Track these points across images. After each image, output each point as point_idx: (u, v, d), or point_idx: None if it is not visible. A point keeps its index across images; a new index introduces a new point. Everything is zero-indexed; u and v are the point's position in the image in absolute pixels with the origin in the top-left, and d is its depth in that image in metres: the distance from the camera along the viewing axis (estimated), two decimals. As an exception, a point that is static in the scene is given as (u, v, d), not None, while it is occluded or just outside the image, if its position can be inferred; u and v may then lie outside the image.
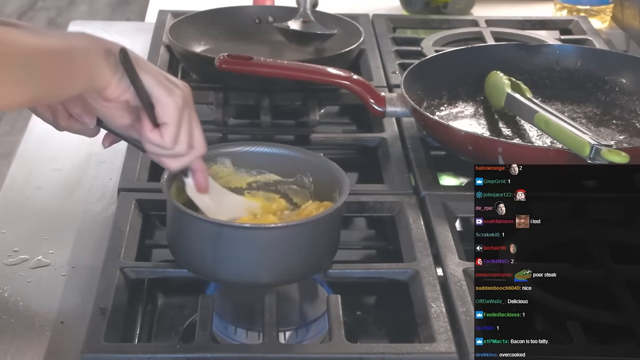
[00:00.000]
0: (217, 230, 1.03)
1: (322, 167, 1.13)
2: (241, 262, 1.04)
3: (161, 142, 1.01)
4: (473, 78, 1.52)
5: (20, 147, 1.46)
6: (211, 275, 1.07)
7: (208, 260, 1.05)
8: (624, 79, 1.52)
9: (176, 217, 1.07)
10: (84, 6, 4.77)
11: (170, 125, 1.00)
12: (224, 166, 1.15)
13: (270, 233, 1.04)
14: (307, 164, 1.15)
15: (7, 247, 1.20)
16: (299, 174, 1.15)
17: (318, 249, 1.07)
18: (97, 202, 1.32)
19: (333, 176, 1.12)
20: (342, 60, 1.58)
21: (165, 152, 1.02)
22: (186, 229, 1.05)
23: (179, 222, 1.06)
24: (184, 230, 1.06)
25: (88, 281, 1.14)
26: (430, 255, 1.13)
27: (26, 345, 1.04)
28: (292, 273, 1.06)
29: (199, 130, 1.03)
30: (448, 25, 1.88)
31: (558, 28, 1.90)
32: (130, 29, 1.94)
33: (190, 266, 1.07)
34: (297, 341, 1.05)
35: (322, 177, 1.13)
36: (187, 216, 1.04)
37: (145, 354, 0.97)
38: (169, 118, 1.00)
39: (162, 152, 1.02)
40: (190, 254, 1.06)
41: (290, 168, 1.16)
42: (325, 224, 1.07)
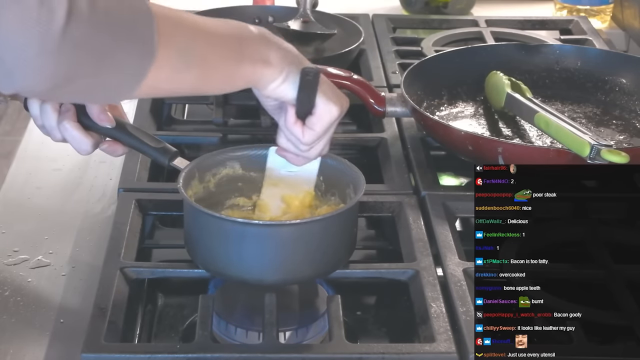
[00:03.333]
0: (239, 229, 1.03)
1: (334, 166, 1.13)
2: (263, 259, 1.04)
3: (300, 138, 1.04)
4: (473, 78, 1.52)
5: (20, 147, 1.46)
6: (235, 275, 1.06)
7: (232, 260, 1.04)
8: (624, 79, 1.52)
9: (197, 218, 1.06)
10: (84, 6, 4.76)
11: (316, 133, 1.04)
12: (234, 170, 1.15)
13: (291, 229, 1.04)
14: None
15: (7, 247, 1.20)
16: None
17: (337, 245, 1.07)
18: (97, 202, 1.32)
19: (346, 174, 1.12)
20: (342, 60, 1.58)
21: (298, 150, 1.06)
22: (206, 230, 1.05)
23: (201, 223, 1.06)
24: (206, 232, 1.05)
25: (88, 281, 1.14)
26: (430, 255, 1.13)
27: (26, 345, 1.04)
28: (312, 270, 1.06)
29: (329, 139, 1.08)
30: (448, 25, 1.88)
31: (558, 28, 1.90)
32: (130, 29, 1.94)
33: (210, 267, 1.07)
34: (297, 341, 1.05)
35: (333, 176, 1.13)
36: (208, 217, 1.04)
37: (145, 354, 0.97)
38: (319, 127, 1.04)
39: (294, 149, 1.07)
40: (210, 254, 1.06)
41: None
42: (345, 219, 1.07)
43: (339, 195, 1.13)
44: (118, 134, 1.10)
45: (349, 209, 1.06)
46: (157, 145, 1.11)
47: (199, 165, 1.12)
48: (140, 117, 1.44)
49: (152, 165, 1.31)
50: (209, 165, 1.13)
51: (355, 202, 1.07)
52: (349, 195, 1.11)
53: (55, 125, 1.06)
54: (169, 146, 1.12)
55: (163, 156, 1.11)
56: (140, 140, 1.11)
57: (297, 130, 1.04)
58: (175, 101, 1.57)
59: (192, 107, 1.64)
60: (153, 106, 1.48)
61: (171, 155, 1.11)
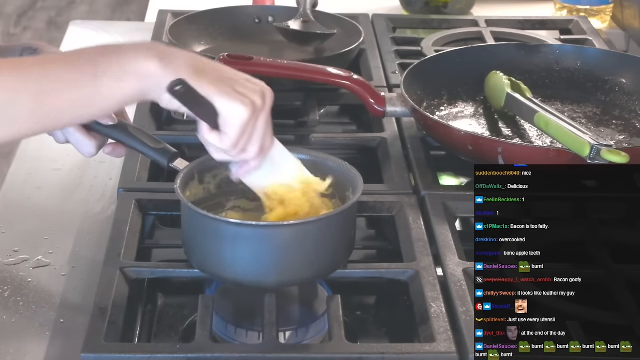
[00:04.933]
0: (233, 230, 1.03)
1: (334, 168, 1.13)
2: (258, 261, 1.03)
3: (220, 146, 1.01)
4: (473, 78, 1.52)
5: (20, 147, 1.46)
6: (230, 277, 1.06)
7: (226, 262, 1.04)
8: (624, 79, 1.52)
9: (192, 219, 1.06)
10: (84, 6, 4.77)
11: (233, 136, 1.00)
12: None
13: (287, 231, 1.04)
14: (319, 166, 1.14)
15: (7, 247, 1.20)
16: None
17: (335, 246, 1.07)
18: (97, 202, 1.32)
19: (345, 175, 1.11)
20: (342, 60, 1.58)
21: (232, 157, 1.03)
22: (201, 231, 1.05)
23: (196, 224, 1.06)
24: (201, 233, 1.05)
25: (88, 281, 1.14)
26: (430, 255, 1.13)
27: (26, 345, 1.04)
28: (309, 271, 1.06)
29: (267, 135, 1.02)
30: (448, 25, 1.88)
31: (558, 28, 1.90)
32: (130, 29, 1.94)
33: (205, 268, 1.07)
34: (297, 341, 1.05)
35: (334, 178, 1.13)
36: (203, 218, 1.04)
37: (145, 354, 0.97)
38: (233, 131, 0.99)
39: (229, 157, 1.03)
40: (206, 255, 1.06)
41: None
42: (342, 220, 1.06)
43: (339, 198, 1.13)
44: (119, 135, 1.10)
45: (346, 210, 1.06)
46: (157, 146, 1.11)
47: (198, 166, 1.12)
48: (140, 117, 1.44)
49: (152, 165, 1.31)
50: (210, 167, 1.13)
51: (352, 204, 1.06)
52: (348, 198, 1.10)
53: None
54: (169, 147, 1.12)
55: (163, 157, 1.11)
56: (140, 141, 1.11)
57: (214, 139, 1.00)
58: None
59: (192, 107, 1.64)
60: (153, 106, 1.48)
61: (171, 156, 1.11)
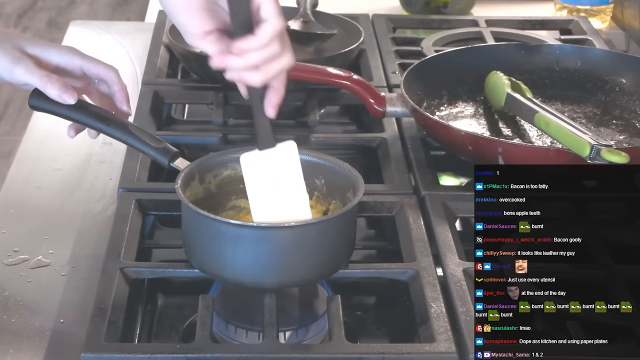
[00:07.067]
0: (234, 231, 1.03)
1: (334, 169, 1.13)
2: (258, 262, 1.03)
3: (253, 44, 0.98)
4: (473, 78, 1.52)
5: (20, 147, 1.46)
6: (230, 277, 1.06)
7: (227, 262, 1.04)
8: (624, 79, 1.52)
9: (192, 219, 1.06)
10: (84, 6, 4.78)
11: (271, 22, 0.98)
12: (235, 171, 1.15)
13: (287, 232, 1.03)
14: (319, 167, 1.14)
15: (7, 247, 1.20)
16: (310, 177, 1.14)
17: (335, 248, 1.07)
18: (97, 202, 1.32)
19: (346, 176, 1.11)
20: (342, 60, 1.58)
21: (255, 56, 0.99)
22: (201, 231, 1.05)
23: (196, 224, 1.06)
24: (201, 233, 1.05)
25: (88, 281, 1.14)
26: (430, 255, 1.13)
27: (26, 345, 1.04)
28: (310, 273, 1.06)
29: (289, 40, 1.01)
30: (448, 25, 1.88)
31: (558, 28, 1.90)
32: (130, 29, 1.94)
33: (206, 268, 1.07)
34: (297, 341, 1.05)
35: (334, 179, 1.13)
36: (203, 218, 1.03)
37: (145, 354, 0.97)
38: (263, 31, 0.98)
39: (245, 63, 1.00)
40: (206, 256, 1.06)
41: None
42: (343, 222, 1.06)
43: (339, 199, 1.12)
44: (119, 134, 1.10)
45: (346, 212, 1.05)
46: (158, 145, 1.11)
47: (199, 166, 1.12)
48: (140, 117, 1.44)
49: (152, 165, 1.31)
50: (210, 166, 1.13)
51: (352, 206, 1.06)
52: (349, 199, 1.10)
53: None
54: (169, 146, 1.12)
55: (164, 156, 1.11)
56: (141, 140, 1.11)
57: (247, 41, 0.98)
58: (175, 101, 1.57)
59: (192, 107, 1.64)
60: (153, 106, 1.48)
61: (172, 156, 1.11)
